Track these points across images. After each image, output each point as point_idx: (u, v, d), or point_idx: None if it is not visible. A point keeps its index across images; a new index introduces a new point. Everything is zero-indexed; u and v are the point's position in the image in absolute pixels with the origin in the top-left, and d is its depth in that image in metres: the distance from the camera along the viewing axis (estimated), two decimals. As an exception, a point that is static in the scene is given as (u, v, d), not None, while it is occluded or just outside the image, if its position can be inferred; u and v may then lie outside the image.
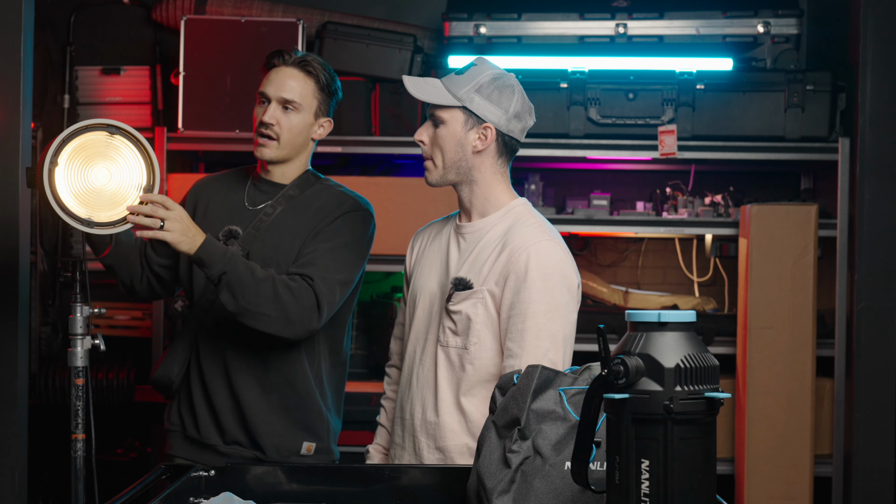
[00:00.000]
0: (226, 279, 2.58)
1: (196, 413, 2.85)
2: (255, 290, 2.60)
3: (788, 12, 4.47)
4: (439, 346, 2.55)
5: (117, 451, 4.89)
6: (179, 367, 2.87)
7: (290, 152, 2.84)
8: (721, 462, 4.38)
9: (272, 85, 2.79)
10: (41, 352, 4.89)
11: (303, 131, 2.83)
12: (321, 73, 2.82)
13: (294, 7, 4.79)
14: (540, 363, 2.36)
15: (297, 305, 2.64)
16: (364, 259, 2.83)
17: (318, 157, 4.65)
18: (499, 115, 2.53)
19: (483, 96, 2.51)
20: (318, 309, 2.67)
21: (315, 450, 2.84)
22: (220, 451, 2.83)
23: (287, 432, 2.81)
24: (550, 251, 2.48)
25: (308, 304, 2.65)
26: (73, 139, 2.37)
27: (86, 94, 4.91)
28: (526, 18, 4.52)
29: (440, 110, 2.54)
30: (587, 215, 4.55)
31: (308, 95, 2.81)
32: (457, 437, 2.52)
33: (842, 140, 4.30)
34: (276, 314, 2.62)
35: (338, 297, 2.73)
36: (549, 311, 2.44)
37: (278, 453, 2.81)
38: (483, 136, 2.53)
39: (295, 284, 2.66)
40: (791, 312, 4.21)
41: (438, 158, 2.55)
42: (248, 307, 2.61)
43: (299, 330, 2.67)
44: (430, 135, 2.56)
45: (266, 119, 2.78)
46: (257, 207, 2.85)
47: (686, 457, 1.61)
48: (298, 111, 2.80)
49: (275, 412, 2.81)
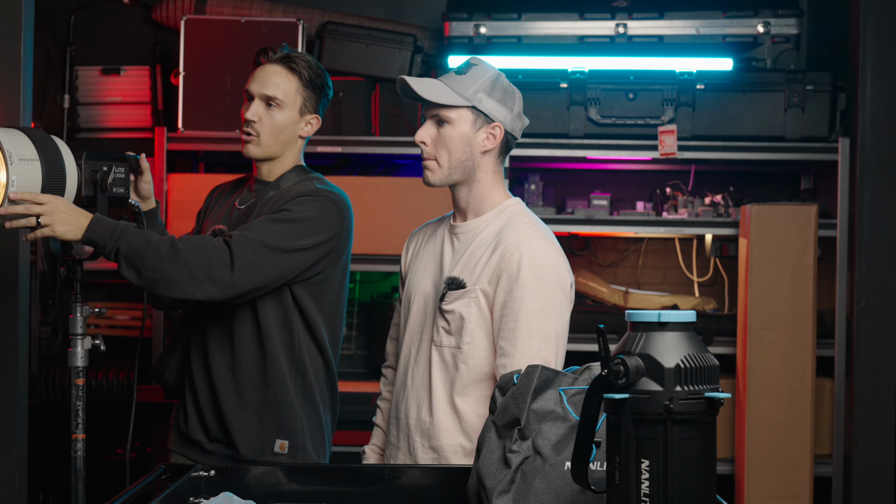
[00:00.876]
0: (122, 253, 2.50)
1: (186, 410, 2.87)
2: (155, 256, 2.52)
3: (788, 12, 4.47)
4: (433, 345, 2.55)
5: (117, 451, 4.89)
6: (173, 365, 2.88)
7: (274, 149, 2.81)
8: (721, 462, 4.38)
9: (255, 82, 2.78)
10: (41, 352, 4.89)
11: (286, 128, 2.79)
12: (305, 70, 2.79)
13: (294, 7, 4.79)
14: (532, 362, 2.37)
15: (202, 263, 2.55)
16: (313, 239, 2.70)
17: (318, 157, 4.69)
18: (505, 114, 2.54)
19: (490, 96, 2.52)
20: (230, 264, 2.58)
21: (288, 447, 2.79)
22: (205, 449, 2.83)
23: (259, 429, 2.79)
24: (543, 250, 2.48)
25: (217, 260, 2.57)
26: None
27: (86, 94, 4.91)
28: (526, 18, 4.52)
29: (447, 110, 2.52)
30: (587, 215, 4.55)
31: (291, 92, 2.78)
32: (451, 436, 2.52)
33: (842, 140, 4.30)
34: (183, 276, 2.54)
35: (263, 259, 2.62)
36: (542, 311, 2.44)
37: (252, 452, 2.79)
38: (492, 136, 2.54)
39: (199, 241, 2.59)
40: (791, 312, 4.21)
41: (444, 159, 2.54)
42: (152, 276, 2.53)
43: (209, 287, 2.57)
44: (433, 135, 2.54)
45: (248, 116, 2.76)
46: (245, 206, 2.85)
47: (686, 457, 1.61)
48: (281, 108, 2.77)
49: (248, 408, 2.78)
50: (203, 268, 2.56)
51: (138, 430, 4.91)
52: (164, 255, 2.52)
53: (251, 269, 2.62)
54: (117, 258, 2.51)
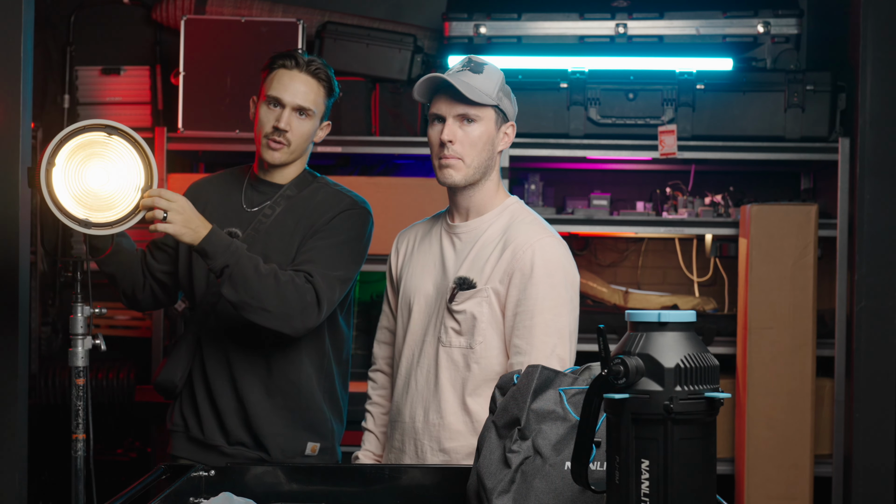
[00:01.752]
0: (228, 272, 2.59)
1: (200, 414, 2.85)
2: (258, 285, 2.60)
3: (788, 12, 4.47)
4: (440, 346, 2.55)
5: (117, 451, 4.89)
6: (183, 371, 2.87)
7: (297, 156, 2.87)
8: (721, 462, 4.38)
9: (287, 91, 2.79)
10: (41, 352, 4.89)
11: (311, 136, 2.86)
12: (328, 80, 2.85)
13: (294, 7, 4.79)
14: (549, 359, 2.38)
15: (297, 301, 2.64)
16: (362, 257, 2.83)
17: (318, 157, 4.68)
18: (513, 113, 2.60)
19: (505, 95, 2.57)
20: (318, 305, 2.67)
21: (319, 450, 2.85)
22: (224, 452, 2.83)
23: (292, 433, 2.82)
24: (553, 248, 2.50)
25: (308, 301, 2.66)
26: (70, 140, 2.37)
27: (86, 94, 4.91)
28: (526, 18, 4.52)
29: (477, 109, 2.53)
30: (587, 215, 4.55)
31: (320, 103, 2.84)
32: (462, 437, 2.52)
33: (842, 140, 4.30)
34: (276, 310, 2.62)
35: (337, 294, 2.74)
36: (556, 308, 2.46)
37: (283, 454, 2.82)
38: (506, 135, 2.59)
39: (289, 278, 2.66)
40: (791, 312, 4.21)
41: (470, 157, 2.54)
42: (249, 301, 2.61)
43: (298, 326, 2.67)
44: (459, 134, 2.53)
45: (282, 126, 2.78)
46: (255, 209, 2.85)
47: (686, 457, 1.61)
48: (311, 118, 2.82)
49: (279, 413, 2.81)
50: (298, 306, 2.64)
51: (138, 430, 4.92)
52: (266, 286, 2.61)
53: (331, 305, 2.73)
54: (222, 274, 2.59)
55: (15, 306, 3.29)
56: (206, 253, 2.58)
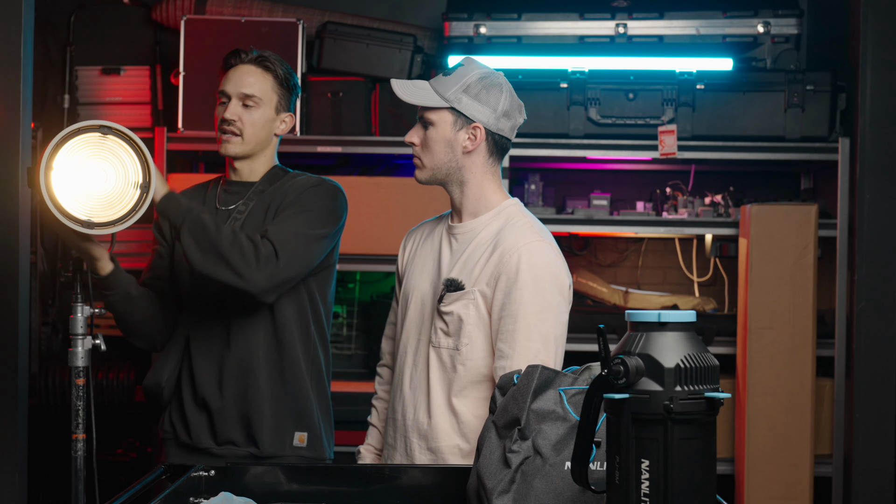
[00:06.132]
0: (189, 219, 2.61)
1: (187, 418, 2.85)
2: (216, 234, 2.62)
3: (788, 12, 4.47)
4: (431, 347, 2.55)
5: (117, 451, 4.89)
6: (169, 372, 2.86)
7: (253, 147, 2.86)
8: (721, 462, 4.38)
9: (231, 82, 2.83)
10: (41, 352, 4.89)
11: (265, 126, 2.86)
12: (279, 68, 2.86)
13: (294, 7, 4.79)
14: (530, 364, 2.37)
15: (253, 253, 2.64)
16: (333, 227, 2.82)
17: (319, 157, 4.69)
18: (487, 114, 2.53)
19: (471, 96, 2.52)
20: (276, 256, 2.66)
21: (307, 439, 2.84)
22: (214, 454, 2.83)
23: (280, 423, 2.82)
24: (541, 252, 2.48)
25: (265, 252, 2.65)
26: (66, 142, 2.38)
27: (86, 94, 4.91)
28: (526, 18, 4.52)
29: (429, 112, 2.55)
30: (587, 215, 4.55)
31: (267, 90, 2.85)
32: (449, 437, 2.52)
33: (842, 140, 4.30)
34: (236, 259, 2.62)
35: (300, 248, 2.72)
36: (540, 313, 2.44)
37: (272, 446, 2.81)
38: (473, 136, 2.54)
39: (255, 238, 2.68)
40: (791, 312, 4.21)
41: (427, 159, 2.57)
42: (207, 250, 2.61)
43: (260, 279, 2.65)
44: (421, 136, 2.58)
45: (228, 116, 2.81)
46: (229, 208, 2.87)
47: (686, 457, 1.61)
48: (259, 106, 2.83)
49: (267, 404, 2.81)
50: (255, 257, 2.64)
51: (138, 430, 4.92)
52: (225, 236, 2.62)
53: (292, 257, 2.70)
54: (182, 225, 2.61)
55: (15, 306, 3.29)
56: (167, 210, 2.61)
